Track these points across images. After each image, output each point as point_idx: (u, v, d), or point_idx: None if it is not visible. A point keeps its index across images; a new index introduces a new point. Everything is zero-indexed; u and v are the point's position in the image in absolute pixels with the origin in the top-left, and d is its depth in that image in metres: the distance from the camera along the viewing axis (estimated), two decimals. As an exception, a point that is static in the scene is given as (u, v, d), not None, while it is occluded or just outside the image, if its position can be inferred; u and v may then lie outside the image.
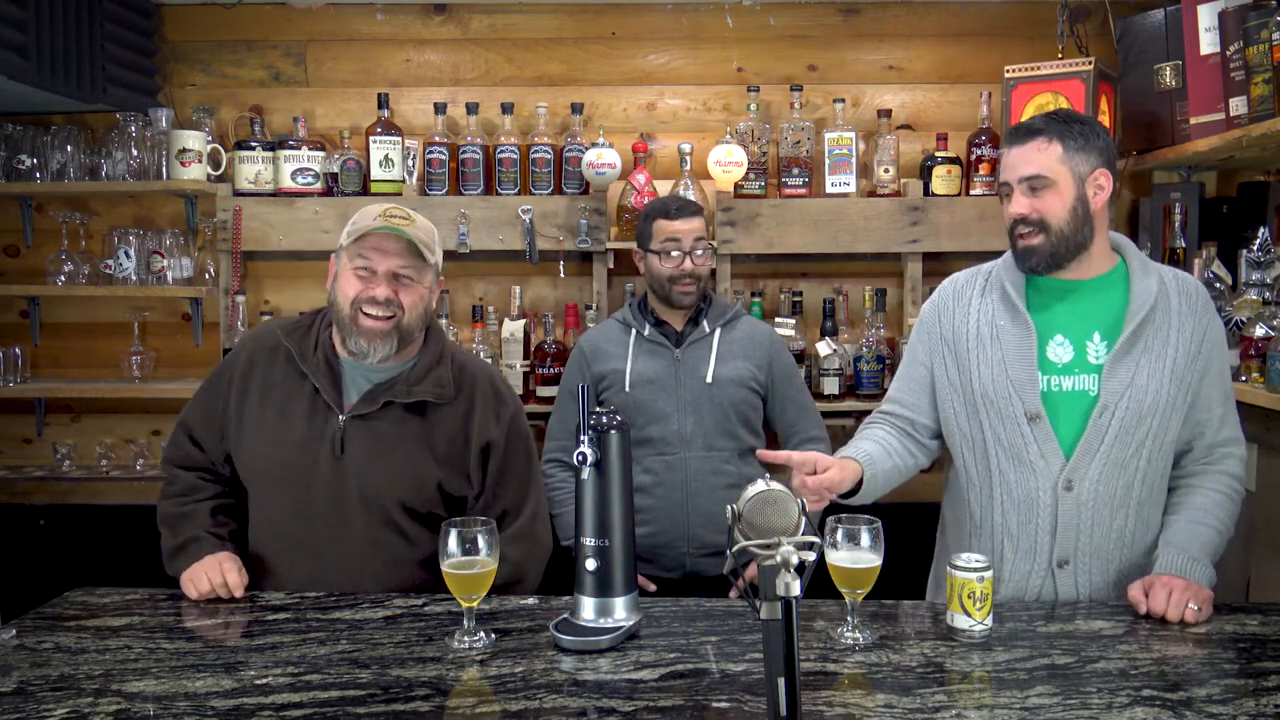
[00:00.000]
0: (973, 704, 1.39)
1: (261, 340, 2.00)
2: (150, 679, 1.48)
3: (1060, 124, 1.83)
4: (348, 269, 1.89)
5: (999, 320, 1.88)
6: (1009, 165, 1.86)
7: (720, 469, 2.48)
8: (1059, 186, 1.81)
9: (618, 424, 1.65)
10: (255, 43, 3.28)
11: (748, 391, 2.53)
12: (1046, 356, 1.85)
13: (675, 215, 2.53)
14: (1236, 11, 2.39)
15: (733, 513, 1.30)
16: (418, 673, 1.50)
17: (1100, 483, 1.82)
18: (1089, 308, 1.86)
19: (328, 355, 1.94)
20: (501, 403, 2.00)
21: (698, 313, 2.57)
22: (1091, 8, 3.09)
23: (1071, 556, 1.84)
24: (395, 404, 1.90)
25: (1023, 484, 1.85)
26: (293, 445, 1.90)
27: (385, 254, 1.87)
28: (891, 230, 3.10)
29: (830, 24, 3.28)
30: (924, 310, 2.03)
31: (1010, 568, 1.88)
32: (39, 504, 3.28)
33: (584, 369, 2.58)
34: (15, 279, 3.29)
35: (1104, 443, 1.81)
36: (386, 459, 1.90)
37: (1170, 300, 1.85)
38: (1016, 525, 1.87)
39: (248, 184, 3.11)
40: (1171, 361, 1.82)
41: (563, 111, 3.20)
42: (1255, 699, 1.40)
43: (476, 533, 1.60)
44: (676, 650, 1.58)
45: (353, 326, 1.86)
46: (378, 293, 1.85)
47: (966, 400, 1.90)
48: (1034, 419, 1.83)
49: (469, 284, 3.29)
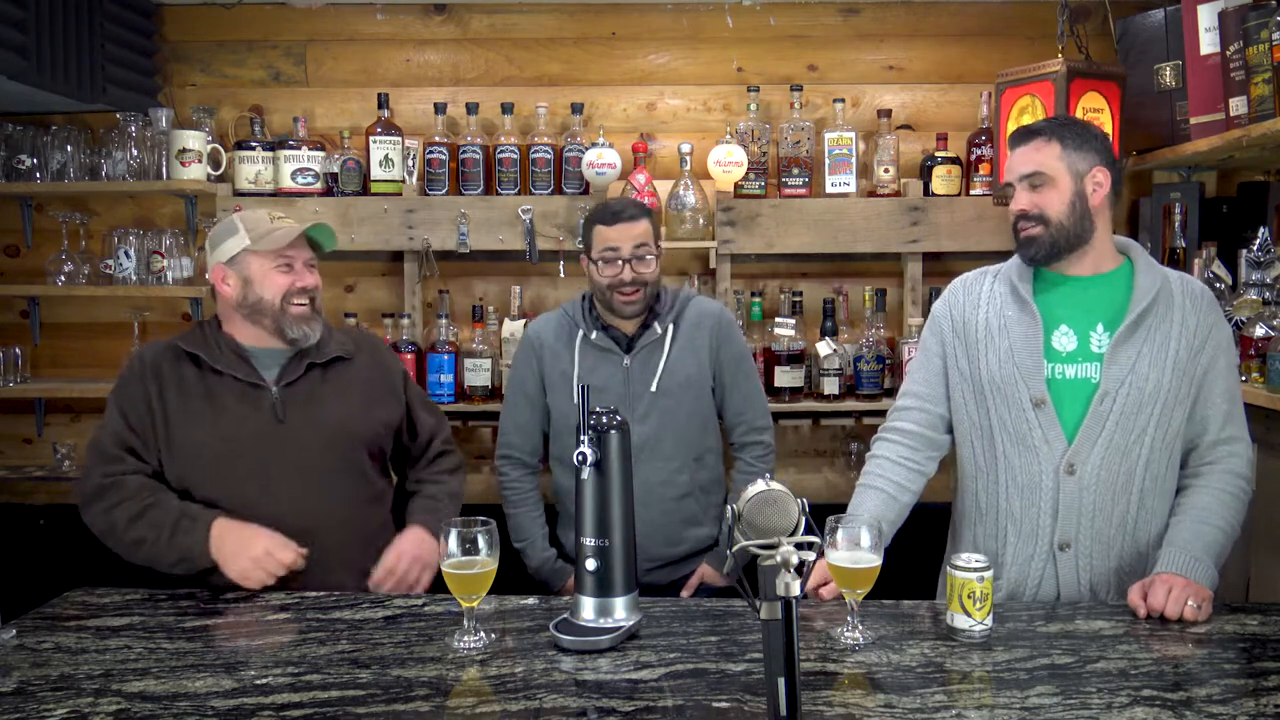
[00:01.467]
0: (973, 704, 1.39)
1: (156, 353, 2.11)
2: (150, 679, 1.48)
3: (1058, 125, 1.94)
4: (266, 269, 2.08)
5: (1007, 311, 1.97)
6: (1010, 167, 1.96)
7: (671, 480, 2.39)
8: (1058, 182, 1.89)
9: (618, 424, 1.66)
10: (255, 43, 3.28)
11: (698, 392, 2.42)
12: (1052, 345, 1.92)
13: (612, 221, 2.36)
14: (1236, 11, 2.39)
15: (733, 513, 1.30)
16: (418, 673, 1.50)
17: (1102, 468, 1.87)
18: (1093, 300, 1.93)
19: (235, 349, 2.11)
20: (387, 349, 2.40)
21: (651, 314, 2.43)
22: (1091, 8, 3.09)
23: (1073, 540, 1.89)
24: (315, 365, 2.13)
25: (1026, 468, 1.91)
26: (231, 425, 2.04)
27: (296, 249, 2.12)
28: (891, 230, 3.10)
29: (830, 24, 3.28)
30: (935, 308, 2.11)
31: (1013, 551, 1.93)
32: (39, 504, 3.28)
33: (533, 364, 2.47)
34: (15, 279, 3.29)
35: (1105, 428, 1.86)
36: (328, 405, 2.11)
37: (1174, 297, 1.91)
38: (1020, 509, 1.93)
39: (248, 184, 3.11)
40: (1174, 353, 1.87)
41: (563, 111, 3.20)
42: (1255, 699, 1.40)
43: (476, 533, 1.60)
44: (676, 650, 1.58)
45: (287, 316, 2.09)
46: (307, 283, 2.12)
47: (975, 388, 1.98)
48: (1039, 404, 1.90)
49: (469, 284, 3.29)
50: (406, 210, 3.10)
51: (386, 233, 3.10)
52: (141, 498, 1.98)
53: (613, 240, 2.35)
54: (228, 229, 2.11)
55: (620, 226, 2.35)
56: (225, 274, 2.10)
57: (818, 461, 3.33)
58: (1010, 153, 1.97)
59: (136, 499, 1.98)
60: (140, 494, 1.99)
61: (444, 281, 3.22)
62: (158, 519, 1.96)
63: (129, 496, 1.98)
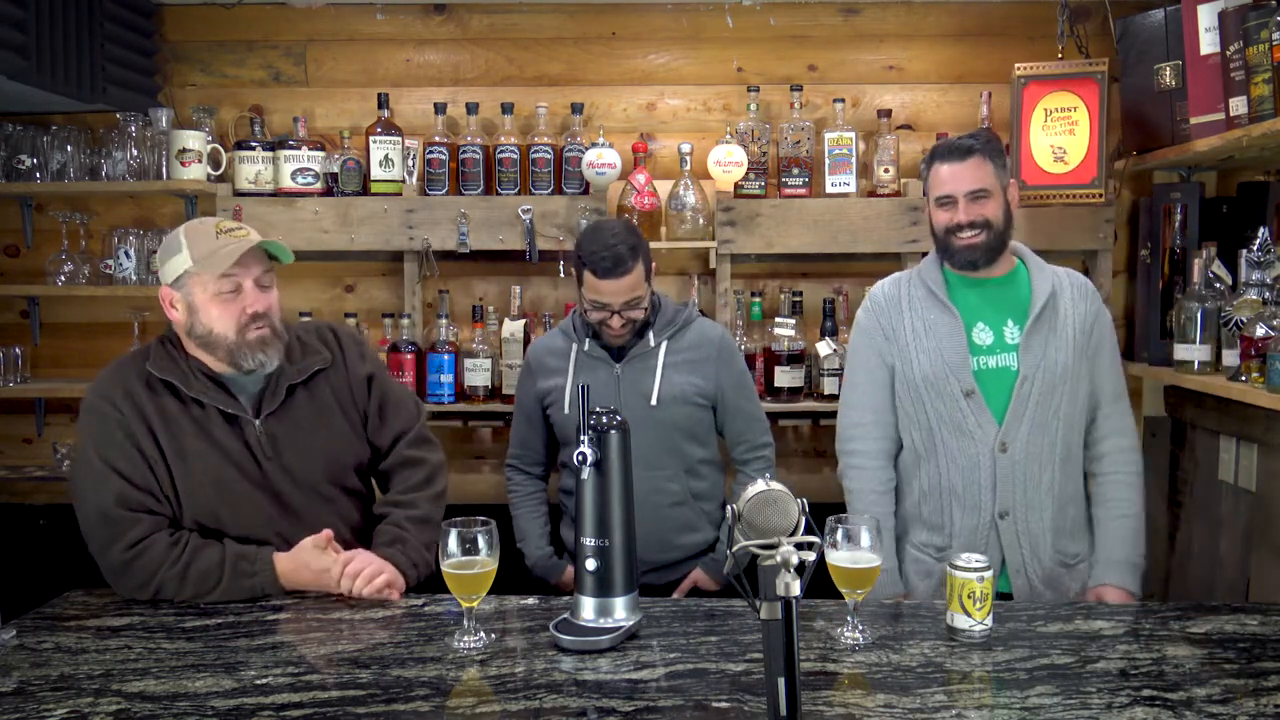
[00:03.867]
0: (973, 704, 1.39)
1: (127, 386, 1.89)
2: (150, 679, 1.48)
3: (986, 143, 2.16)
4: (210, 296, 1.87)
5: (929, 314, 2.20)
6: (949, 179, 2.15)
7: (662, 487, 2.41)
8: (995, 195, 2.14)
9: (618, 424, 1.66)
10: (255, 43, 3.28)
11: (693, 408, 2.43)
12: (973, 340, 2.16)
13: (604, 275, 2.29)
14: (1236, 11, 2.38)
15: (733, 513, 1.30)
16: (418, 673, 1.50)
17: (1029, 443, 2.13)
18: (1000, 299, 2.19)
19: (210, 375, 1.92)
20: (357, 342, 2.14)
21: (644, 325, 2.43)
22: (1091, 8, 3.09)
23: (1010, 508, 2.13)
24: (296, 387, 1.98)
25: (964, 451, 2.15)
26: (226, 460, 1.90)
27: (245, 267, 1.89)
28: (891, 230, 3.10)
29: (830, 24, 3.28)
30: (861, 321, 2.30)
31: (960, 524, 2.17)
32: (39, 504, 3.28)
33: (529, 385, 2.53)
34: (15, 279, 3.29)
35: (1028, 409, 2.12)
36: (316, 435, 1.98)
37: (1064, 291, 2.19)
38: (962, 487, 2.16)
39: (248, 184, 3.11)
40: (1072, 337, 2.15)
41: (563, 111, 3.20)
42: (1255, 699, 1.40)
43: (476, 533, 1.60)
44: (676, 650, 1.58)
45: (243, 348, 1.89)
46: (258, 307, 1.89)
47: (910, 387, 2.20)
48: (969, 394, 2.14)
49: (469, 284, 3.29)
50: (406, 210, 3.10)
51: (386, 233, 3.10)
52: (174, 557, 1.82)
53: (604, 295, 2.32)
54: (172, 246, 1.90)
55: (611, 283, 2.29)
56: (172, 297, 1.90)
57: (818, 461, 3.33)
58: (945, 165, 2.15)
59: (170, 561, 1.82)
60: (171, 554, 1.82)
61: (444, 281, 3.22)
62: (207, 570, 1.82)
63: (163, 561, 1.82)
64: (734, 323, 3.11)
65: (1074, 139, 2.84)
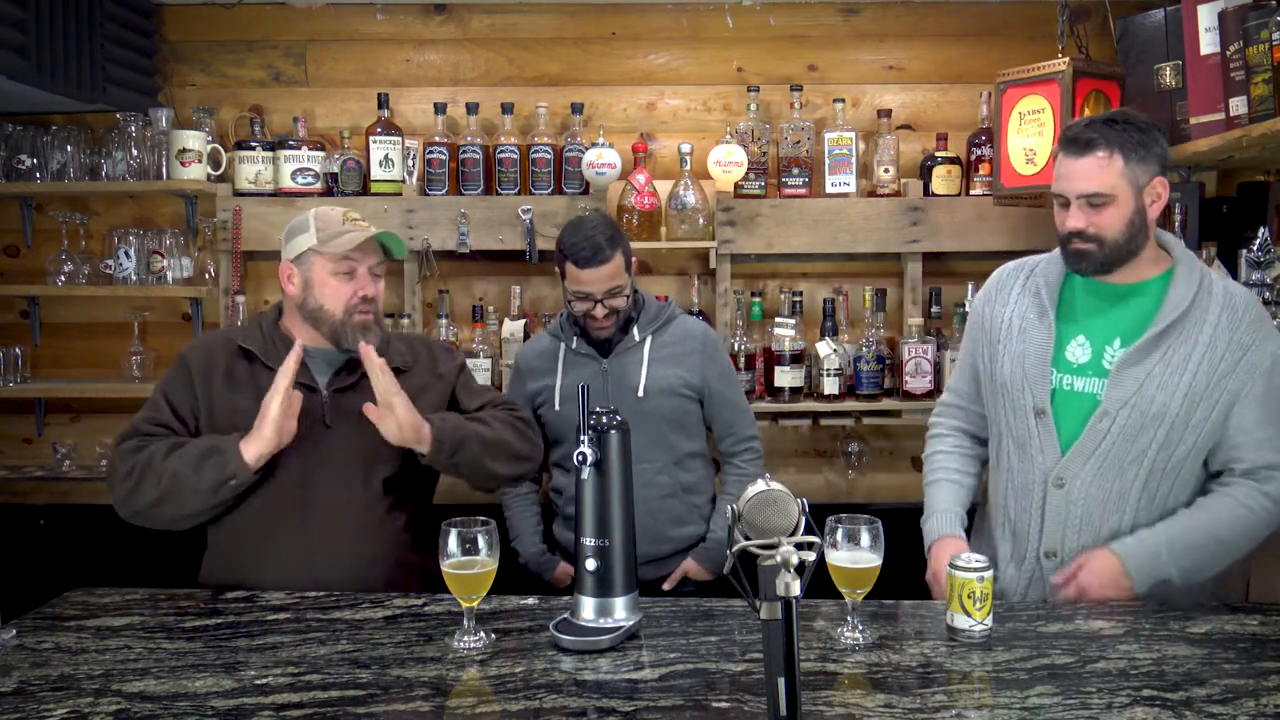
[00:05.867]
0: (973, 704, 1.39)
1: (212, 344, 2.08)
2: (150, 679, 1.48)
3: (1119, 132, 1.79)
4: (327, 274, 2.02)
5: (1028, 315, 1.95)
6: (1066, 176, 1.83)
7: (652, 481, 2.43)
8: (1118, 200, 1.80)
9: (618, 424, 1.66)
10: (255, 43, 3.28)
11: (680, 399, 2.47)
12: (1065, 355, 1.89)
13: (584, 265, 2.33)
14: (1236, 11, 2.38)
15: (733, 513, 1.30)
16: (418, 673, 1.50)
17: (1094, 484, 1.85)
18: (1119, 311, 1.87)
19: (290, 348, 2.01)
20: (447, 350, 2.27)
21: (628, 320, 2.48)
22: (1091, 8, 3.09)
23: (1059, 549, 1.89)
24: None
25: (1024, 473, 1.93)
26: None
27: (364, 254, 2.04)
28: (891, 230, 3.10)
29: (830, 24, 3.28)
30: (975, 302, 2.13)
31: (1007, 551, 1.98)
32: (39, 504, 3.28)
33: (519, 386, 2.56)
34: (15, 279, 3.29)
35: (1100, 446, 1.84)
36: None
37: (1208, 314, 1.82)
38: (1015, 512, 1.96)
39: (248, 184, 3.11)
40: (1190, 375, 1.80)
41: (563, 111, 3.20)
42: (1255, 699, 1.40)
43: (476, 533, 1.60)
44: (676, 650, 1.58)
45: (347, 327, 2.02)
46: (369, 291, 2.04)
47: (990, 388, 2.01)
48: (1040, 414, 1.89)
49: (469, 284, 3.29)
50: (406, 210, 3.10)
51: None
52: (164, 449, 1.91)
53: (585, 284, 2.37)
54: (301, 224, 2.05)
55: (592, 271, 2.34)
56: (291, 271, 2.05)
57: (818, 461, 3.33)
58: (1063, 158, 1.83)
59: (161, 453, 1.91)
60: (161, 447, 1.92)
61: (444, 281, 3.22)
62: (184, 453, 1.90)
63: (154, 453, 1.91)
64: (734, 323, 3.11)
65: (1041, 140, 2.81)
